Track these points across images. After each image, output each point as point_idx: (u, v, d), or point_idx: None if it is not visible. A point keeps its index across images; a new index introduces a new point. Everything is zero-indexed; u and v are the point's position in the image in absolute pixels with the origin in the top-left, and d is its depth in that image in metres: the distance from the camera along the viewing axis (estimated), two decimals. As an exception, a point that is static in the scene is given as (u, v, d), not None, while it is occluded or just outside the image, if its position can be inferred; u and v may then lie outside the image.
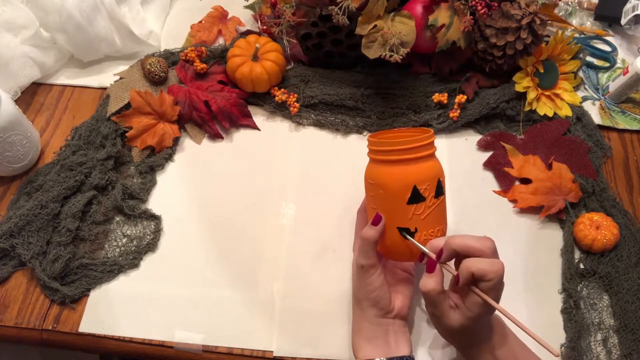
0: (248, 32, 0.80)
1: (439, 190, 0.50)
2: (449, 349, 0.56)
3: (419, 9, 0.69)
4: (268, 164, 0.70)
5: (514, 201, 0.67)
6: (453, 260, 0.49)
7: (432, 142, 0.51)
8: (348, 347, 0.54)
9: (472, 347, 0.49)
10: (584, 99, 0.76)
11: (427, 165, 0.50)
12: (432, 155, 0.51)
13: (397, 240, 0.51)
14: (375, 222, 0.51)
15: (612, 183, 0.69)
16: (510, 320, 0.45)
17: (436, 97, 0.72)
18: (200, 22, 0.83)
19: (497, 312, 0.46)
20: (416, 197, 0.49)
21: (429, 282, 0.48)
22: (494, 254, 0.47)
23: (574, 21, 0.86)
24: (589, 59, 0.81)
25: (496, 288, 0.45)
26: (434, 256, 0.49)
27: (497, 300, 0.46)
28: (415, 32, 0.65)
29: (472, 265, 0.45)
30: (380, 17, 0.65)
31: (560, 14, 0.86)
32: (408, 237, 0.50)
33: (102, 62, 0.78)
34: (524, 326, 0.44)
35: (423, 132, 0.52)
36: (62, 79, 0.76)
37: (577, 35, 0.84)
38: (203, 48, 0.75)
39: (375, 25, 0.64)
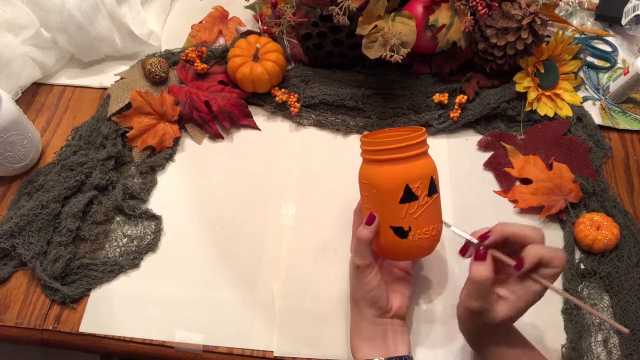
0: (249, 32, 0.80)
1: (432, 189, 0.50)
2: (448, 349, 0.56)
3: (419, 9, 0.69)
4: (268, 164, 0.70)
5: (514, 201, 0.67)
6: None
7: (424, 141, 0.51)
8: (348, 347, 0.54)
9: (491, 345, 0.48)
10: (585, 99, 0.76)
11: (418, 164, 0.50)
12: (424, 154, 0.51)
13: (391, 240, 0.50)
14: (369, 221, 0.50)
15: (612, 183, 0.69)
16: (580, 306, 0.44)
17: (437, 97, 0.72)
18: (201, 22, 0.83)
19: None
20: (408, 195, 0.49)
21: (482, 269, 0.45)
22: (544, 243, 0.46)
23: (575, 21, 0.86)
24: (589, 59, 0.81)
25: (557, 276, 0.45)
26: (478, 243, 0.47)
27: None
28: (416, 33, 0.65)
29: (542, 250, 0.44)
30: (381, 17, 0.65)
31: (561, 14, 0.86)
32: (451, 226, 0.50)
33: (103, 62, 0.78)
34: (594, 311, 0.44)
35: (415, 131, 0.51)
36: (63, 79, 0.76)
37: (577, 35, 0.84)
38: (204, 48, 0.75)
39: (376, 26, 0.64)
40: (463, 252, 0.50)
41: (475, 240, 0.48)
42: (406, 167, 0.49)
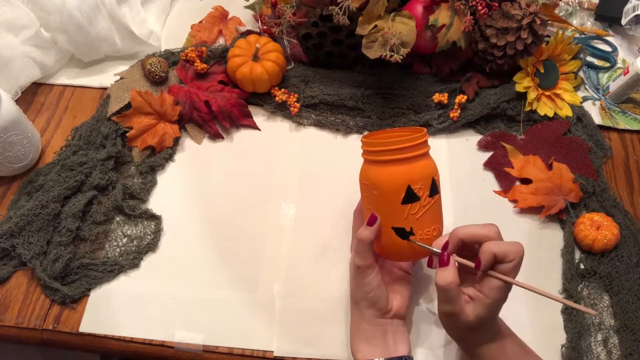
0: (248, 32, 0.80)
1: (434, 189, 0.50)
2: (448, 349, 0.56)
3: (419, 9, 0.69)
4: (268, 164, 0.70)
5: (514, 201, 0.67)
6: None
7: (425, 142, 0.51)
8: (348, 347, 0.54)
9: (481, 345, 0.49)
10: (585, 99, 0.76)
11: (420, 165, 0.50)
12: (425, 155, 0.51)
13: (393, 240, 0.50)
14: (371, 222, 0.50)
15: (612, 183, 0.69)
16: (537, 294, 0.45)
17: (436, 97, 0.72)
18: (201, 22, 0.83)
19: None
20: (410, 196, 0.49)
21: (446, 275, 0.46)
22: (500, 238, 0.47)
23: (575, 21, 0.86)
24: (589, 59, 0.81)
25: (517, 268, 0.45)
26: (438, 252, 0.48)
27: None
28: (416, 32, 0.65)
29: (493, 247, 0.45)
30: (381, 17, 0.65)
31: (561, 14, 0.86)
32: (412, 240, 0.50)
33: (103, 62, 0.78)
34: (556, 297, 0.45)
35: (416, 131, 0.51)
36: (63, 79, 0.76)
37: (577, 35, 0.84)
38: (203, 48, 0.75)
39: (376, 26, 0.64)
40: (430, 264, 0.51)
41: (436, 250, 0.49)
42: (408, 167, 0.49)
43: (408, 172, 0.49)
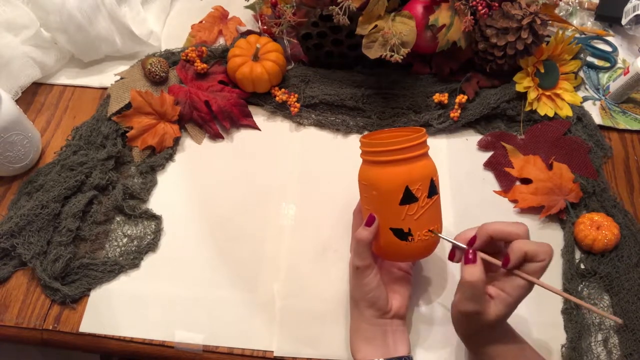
0: (249, 32, 0.80)
1: (432, 190, 0.50)
2: (448, 349, 0.56)
3: (419, 9, 0.69)
4: (268, 164, 0.70)
5: (514, 201, 0.67)
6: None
7: (424, 142, 0.51)
8: (348, 347, 0.54)
9: (490, 344, 0.49)
10: (585, 99, 0.76)
11: (419, 165, 0.50)
12: (424, 155, 0.51)
13: (391, 241, 0.50)
14: (369, 223, 0.50)
15: (612, 183, 0.69)
16: (570, 299, 0.45)
17: (437, 97, 0.72)
18: (201, 22, 0.83)
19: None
20: (408, 197, 0.49)
21: (474, 271, 0.45)
22: (528, 237, 0.47)
23: (575, 21, 0.86)
24: (589, 59, 0.81)
25: (544, 269, 0.45)
26: (464, 247, 0.48)
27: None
28: (416, 32, 0.65)
29: (524, 245, 0.45)
30: (381, 17, 0.65)
31: (561, 14, 0.86)
32: (434, 232, 0.49)
33: (103, 62, 0.78)
34: (587, 304, 0.45)
35: (415, 131, 0.51)
36: (63, 79, 0.76)
37: (577, 35, 0.84)
38: (204, 48, 0.75)
39: (376, 26, 0.64)
40: (451, 257, 0.50)
41: (463, 246, 0.48)
42: (406, 168, 0.49)
43: (406, 173, 0.49)
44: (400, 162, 0.49)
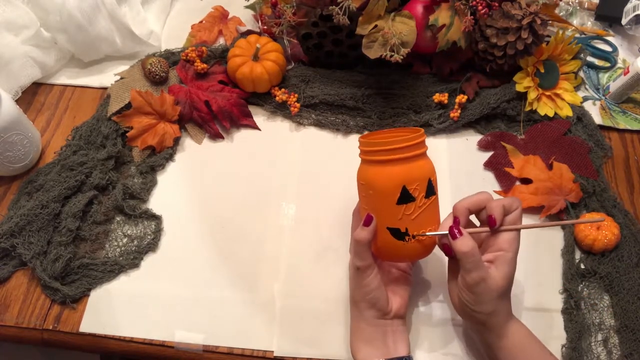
0: (249, 32, 0.80)
1: (430, 190, 0.50)
2: (448, 349, 0.56)
3: (419, 9, 0.69)
4: (268, 164, 0.70)
5: (514, 201, 0.67)
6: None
7: (422, 142, 0.51)
8: (348, 347, 0.54)
9: (500, 338, 0.50)
10: (585, 99, 0.76)
11: (416, 165, 0.50)
12: (422, 155, 0.51)
13: (388, 241, 0.50)
14: (367, 223, 0.50)
15: (612, 183, 0.69)
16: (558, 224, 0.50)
17: (437, 97, 0.72)
18: (201, 22, 0.83)
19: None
20: (405, 197, 0.49)
21: (464, 242, 0.47)
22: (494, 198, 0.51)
23: (575, 21, 0.86)
24: (589, 59, 0.81)
25: (521, 216, 0.50)
26: (446, 233, 0.49)
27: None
28: (416, 32, 0.65)
29: (499, 202, 0.49)
30: (381, 17, 0.65)
31: (561, 14, 0.86)
32: (426, 233, 0.50)
33: (103, 62, 0.78)
34: (567, 221, 0.51)
35: (413, 132, 0.51)
36: (63, 79, 0.76)
37: (577, 35, 0.84)
38: (204, 48, 0.75)
39: (376, 25, 0.64)
40: (447, 251, 0.50)
41: (446, 232, 0.49)
42: (404, 168, 0.49)
43: (403, 172, 0.49)
44: (397, 161, 0.49)
